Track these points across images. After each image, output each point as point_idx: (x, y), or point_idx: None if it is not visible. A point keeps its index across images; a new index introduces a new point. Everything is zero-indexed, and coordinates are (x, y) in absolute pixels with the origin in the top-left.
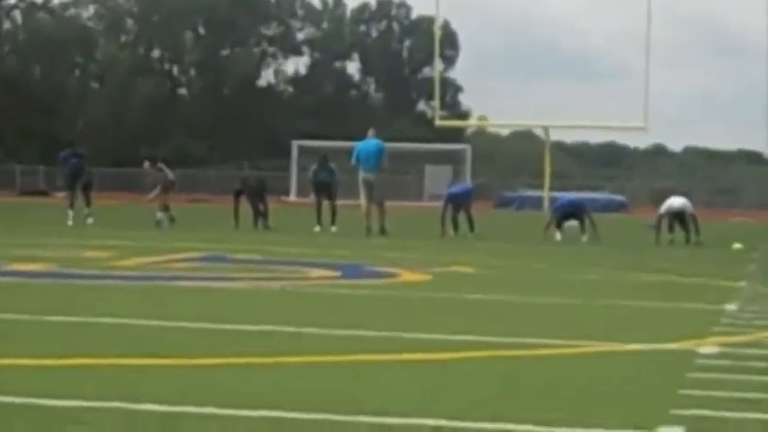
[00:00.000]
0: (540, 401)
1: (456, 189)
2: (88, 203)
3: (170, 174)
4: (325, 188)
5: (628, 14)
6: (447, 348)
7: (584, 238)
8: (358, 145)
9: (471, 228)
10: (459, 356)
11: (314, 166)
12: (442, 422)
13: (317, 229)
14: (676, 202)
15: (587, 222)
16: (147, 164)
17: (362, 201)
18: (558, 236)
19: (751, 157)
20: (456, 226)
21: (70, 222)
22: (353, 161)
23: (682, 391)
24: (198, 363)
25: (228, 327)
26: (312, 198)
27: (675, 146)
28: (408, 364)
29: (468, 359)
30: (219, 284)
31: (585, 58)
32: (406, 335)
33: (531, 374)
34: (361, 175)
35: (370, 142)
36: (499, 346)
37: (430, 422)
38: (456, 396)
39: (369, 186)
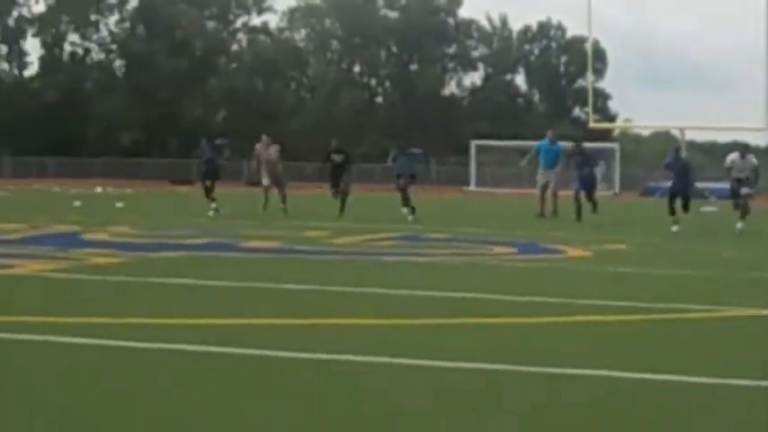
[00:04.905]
0: (686, 356)
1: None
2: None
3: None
4: None
5: (748, 32)
6: (611, 312)
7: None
8: (539, 144)
9: (594, 208)
10: (621, 319)
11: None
12: (608, 373)
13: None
14: None
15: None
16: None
17: (539, 189)
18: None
19: None
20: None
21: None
22: (534, 152)
23: None
24: (416, 323)
25: (436, 294)
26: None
27: None
28: (580, 324)
29: (628, 321)
30: (418, 259)
31: (712, 70)
32: (576, 301)
33: (679, 333)
34: (541, 171)
35: (554, 146)
36: (653, 311)
37: (601, 373)
38: (620, 351)
39: (546, 183)
